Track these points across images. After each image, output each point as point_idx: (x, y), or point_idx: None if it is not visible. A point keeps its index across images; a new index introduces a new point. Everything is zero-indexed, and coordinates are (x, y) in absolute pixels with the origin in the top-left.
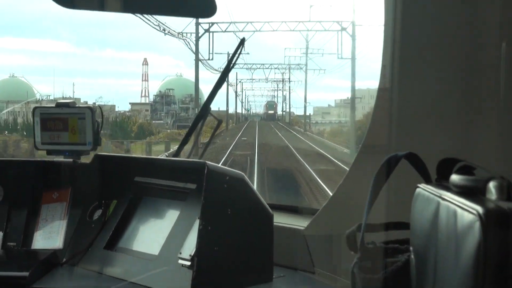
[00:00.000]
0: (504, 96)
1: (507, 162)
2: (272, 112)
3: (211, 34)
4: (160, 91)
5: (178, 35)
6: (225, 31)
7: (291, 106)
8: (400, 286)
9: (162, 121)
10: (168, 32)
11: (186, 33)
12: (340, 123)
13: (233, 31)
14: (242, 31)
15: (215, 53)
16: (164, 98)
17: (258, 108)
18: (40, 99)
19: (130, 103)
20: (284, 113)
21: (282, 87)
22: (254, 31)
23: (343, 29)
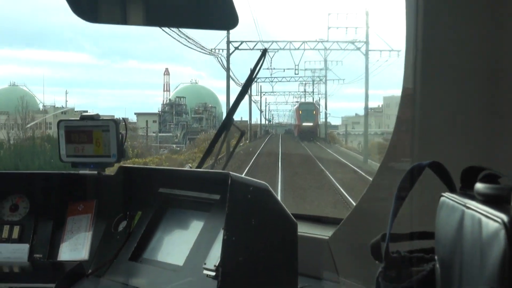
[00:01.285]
0: None
1: None
2: (310, 124)
3: (240, 51)
4: (170, 100)
5: (211, 51)
6: (253, 49)
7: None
8: None
9: (170, 134)
10: (201, 47)
11: (218, 49)
12: (377, 134)
13: (260, 49)
14: (268, 49)
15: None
16: (174, 108)
17: (281, 117)
18: (43, 109)
19: (135, 113)
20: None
21: (313, 89)
22: (278, 49)
23: (358, 48)
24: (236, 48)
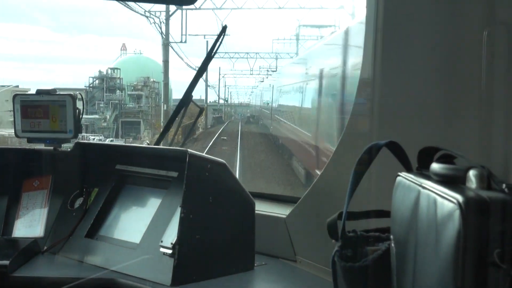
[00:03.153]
0: (485, 85)
1: (487, 151)
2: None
3: (184, 12)
4: (100, 72)
5: (145, 13)
6: (200, 8)
7: None
8: (380, 274)
9: (96, 116)
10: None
11: (154, 11)
12: None
13: (211, 8)
14: (220, 8)
15: (189, 35)
16: (105, 82)
17: (242, 95)
18: None
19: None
20: None
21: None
22: (235, 8)
23: (341, 7)
24: (178, 7)
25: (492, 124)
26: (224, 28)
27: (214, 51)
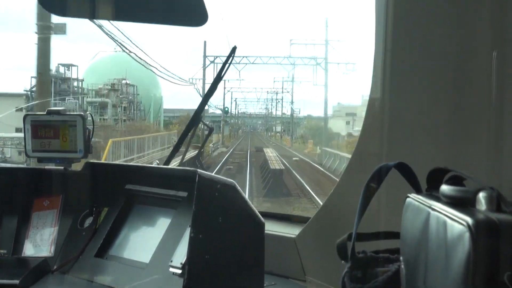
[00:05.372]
0: (495, 106)
1: (497, 173)
2: None
3: (215, 65)
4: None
5: (189, 80)
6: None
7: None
8: None
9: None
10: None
11: (196, 79)
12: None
13: (233, 63)
14: (239, 63)
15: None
16: (56, 85)
17: (250, 105)
18: None
19: None
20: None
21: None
22: (248, 63)
23: (318, 64)
24: (212, 62)
25: (503, 145)
26: (233, 49)
27: (223, 72)
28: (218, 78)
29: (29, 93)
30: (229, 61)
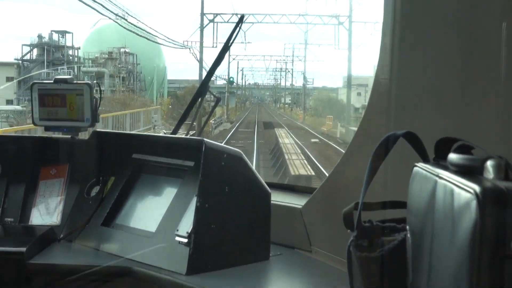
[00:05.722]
0: (505, 76)
1: (505, 142)
2: None
3: (215, 24)
4: (40, 37)
5: (183, 43)
6: (228, 21)
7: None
8: (396, 265)
9: (17, 107)
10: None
11: (191, 41)
12: None
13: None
14: (244, 22)
15: (219, 43)
16: (49, 53)
17: (258, 77)
18: None
19: None
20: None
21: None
22: (255, 22)
23: (340, 23)
24: (211, 21)
25: (511, 115)
26: (241, 18)
27: (231, 41)
28: (225, 48)
29: (20, 62)
30: (236, 31)
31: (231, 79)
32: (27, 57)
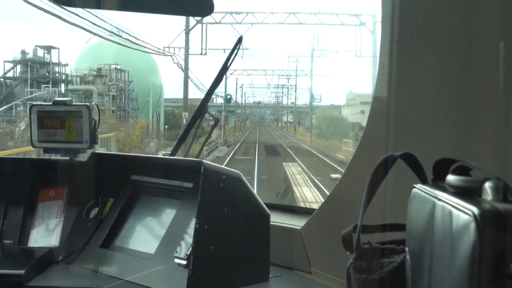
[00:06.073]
0: (503, 96)
1: (503, 163)
2: None
3: (203, 25)
4: (24, 53)
5: (163, 49)
6: (220, 22)
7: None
8: (395, 287)
9: None
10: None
11: (174, 48)
12: None
13: (230, 23)
14: (241, 23)
15: (209, 49)
16: (32, 70)
17: (259, 94)
18: None
19: None
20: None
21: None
22: (255, 23)
23: (362, 23)
24: (198, 22)
25: (509, 135)
26: (239, 39)
27: (229, 62)
28: (224, 68)
29: (2, 79)
30: (234, 53)
31: (228, 96)
32: (10, 74)
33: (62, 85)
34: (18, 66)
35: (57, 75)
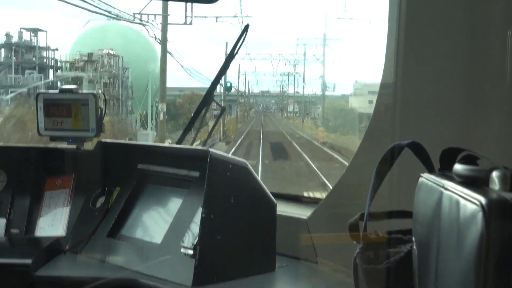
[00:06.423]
0: (509, 85)
1: (510, 152)
2: None
3: None
4: (8, 36)
5: (134, 15)
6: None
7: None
8: (402, 276)
9: None
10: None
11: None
12: None
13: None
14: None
15: (195, 17)
16: (18, 54)
17: (263, 83)
18: None
19: None
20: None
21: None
22: None
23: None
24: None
25: None
26: (246, 27)
27: (236, 51)
28: (230, 57)
29: None
30: (241, 41)
31: (229, 84)
32: None
33: (51, 71)
34: (2, 50)
35: (44, 60)
